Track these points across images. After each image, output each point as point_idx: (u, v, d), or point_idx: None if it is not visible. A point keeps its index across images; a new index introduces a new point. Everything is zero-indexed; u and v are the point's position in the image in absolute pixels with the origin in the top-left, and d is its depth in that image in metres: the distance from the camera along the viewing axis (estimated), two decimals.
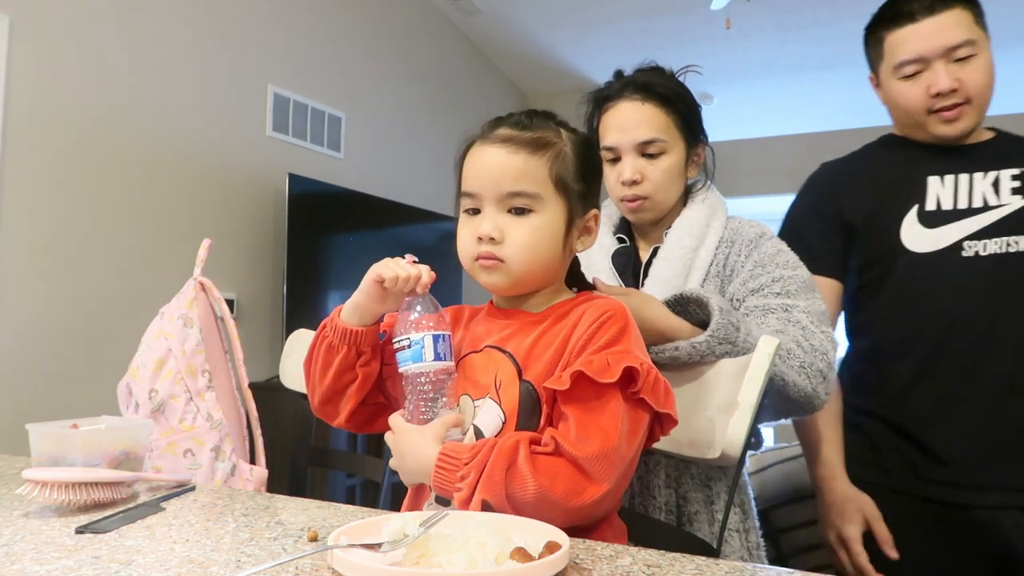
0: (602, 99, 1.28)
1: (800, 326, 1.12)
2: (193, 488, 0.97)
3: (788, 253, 1.22)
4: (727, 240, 1.25)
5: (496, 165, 0.86)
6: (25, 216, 2.16)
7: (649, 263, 1.28)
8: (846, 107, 5.47)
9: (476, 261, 0.88)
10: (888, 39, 1.32)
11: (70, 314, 2.29)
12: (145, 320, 1.26)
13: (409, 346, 0.85)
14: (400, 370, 0.87)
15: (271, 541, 0.72)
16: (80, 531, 0.75)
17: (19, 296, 2.15)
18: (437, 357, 0.85)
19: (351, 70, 3.58)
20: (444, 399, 0.87)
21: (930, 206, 1.31)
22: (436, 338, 0.85)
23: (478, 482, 0.76)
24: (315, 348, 0.96)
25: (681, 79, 1.28)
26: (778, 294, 1.16)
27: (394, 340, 0.87)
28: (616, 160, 1.25)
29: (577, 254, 0.97)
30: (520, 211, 0.86)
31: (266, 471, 1.23)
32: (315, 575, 0.61)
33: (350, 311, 0.92)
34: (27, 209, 2.17)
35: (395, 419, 0.88)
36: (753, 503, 1.26)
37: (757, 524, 1.24)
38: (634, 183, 1.23)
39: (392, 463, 0.87)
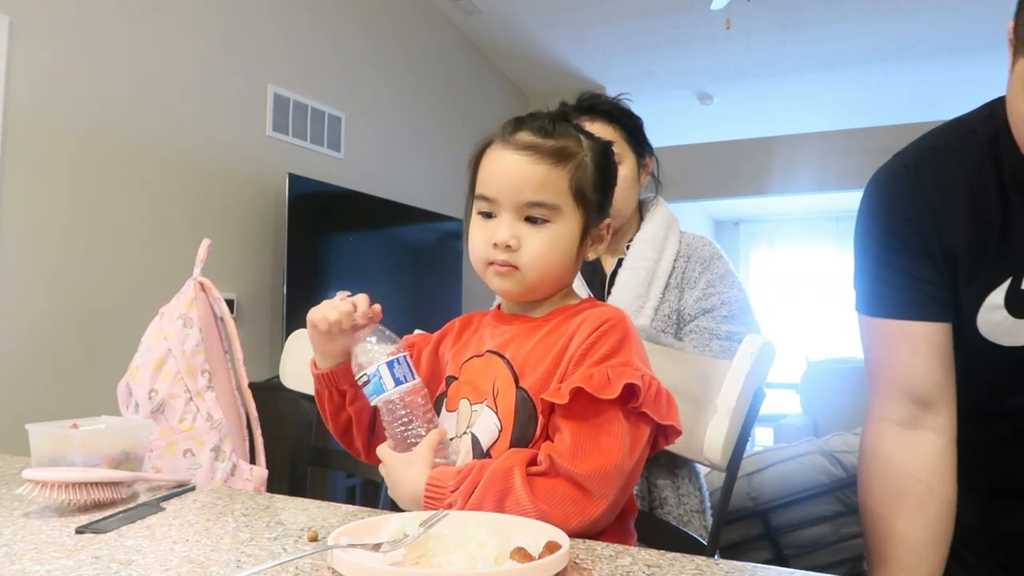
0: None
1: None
2: (193, 488, 0.97)
3: (735, 275, 1.38)
4: (683, 255, 1.40)
5: (516, 172, 0.84)
6: (25, 216, 2.16)
7: (615, 273, 1.40)
8: (847, 106, 5.47)
9: (489, 266, 0.87)
10: None
11: (70, 314, 2.29)
12: (145, 320, 1.26)
13: (368, 380, 0.85)
14: (372, 404, 0.88)
15: (271, 541, 0.72)
16: (80, 531, 0.75)
17: (19, 296, 2.15)
18: (397, 382, 0.85)
19: (351, 70, 3.58)
20: (422, 418, 0.86)
21: None
22: (391, 364, 0.85)
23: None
24: (315, 398, 0.98)
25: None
26: (725, 317, 1.31)
27: (356, 378, 0.88)
28: None
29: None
30: (537, 220, 0.85)
31: (266, 471, 1.23)
32: (315, 575, 0.61)
33: (317, 357, 0.93)
34: (27, 209, 2.17)
35: (382, 450, 0.87)
36: (706, 487, 1.38)
37: (709, 506, 1.35)
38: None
39: (389, 492, 0.87)
